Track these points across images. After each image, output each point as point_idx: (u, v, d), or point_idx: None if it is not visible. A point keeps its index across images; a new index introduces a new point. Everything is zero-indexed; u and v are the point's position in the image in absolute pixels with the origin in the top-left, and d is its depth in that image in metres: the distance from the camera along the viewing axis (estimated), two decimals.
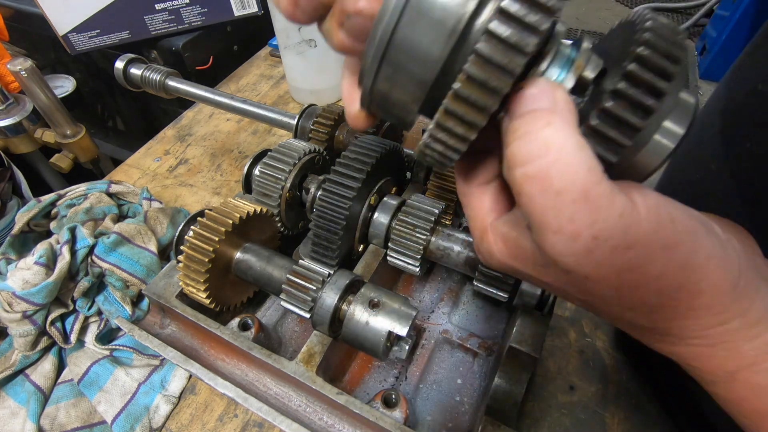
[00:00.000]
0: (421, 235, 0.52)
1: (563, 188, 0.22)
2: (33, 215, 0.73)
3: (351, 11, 0.25)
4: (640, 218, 0.23)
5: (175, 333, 0.54)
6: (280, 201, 0.56)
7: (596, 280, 0.24)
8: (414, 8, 0.23)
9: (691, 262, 0.23)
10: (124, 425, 0.56)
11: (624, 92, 0.23)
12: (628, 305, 0.26)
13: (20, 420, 0.57)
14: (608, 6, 1.46)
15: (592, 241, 0.22)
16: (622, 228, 0.22)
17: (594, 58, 0.26)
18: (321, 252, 0.51)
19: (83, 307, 0.63)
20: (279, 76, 1.20)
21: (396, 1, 0.23)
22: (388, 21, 0.24)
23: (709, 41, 1.13)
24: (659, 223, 0.23)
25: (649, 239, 0.23)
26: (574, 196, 0.22)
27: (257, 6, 1.20)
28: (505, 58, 0.22)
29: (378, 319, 0.44)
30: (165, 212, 0.75)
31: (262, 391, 0.49)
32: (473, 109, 0.24)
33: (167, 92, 0.79)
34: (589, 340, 0.64)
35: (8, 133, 1.08)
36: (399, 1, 0.23)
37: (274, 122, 0.74)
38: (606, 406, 0.57)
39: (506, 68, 0.22)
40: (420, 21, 0.23)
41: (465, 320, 0.62)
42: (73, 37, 1.12)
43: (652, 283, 0.24)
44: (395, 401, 0.47)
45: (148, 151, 1.00)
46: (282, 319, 0.61)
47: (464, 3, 0.23)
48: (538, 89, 0.24)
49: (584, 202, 0.22)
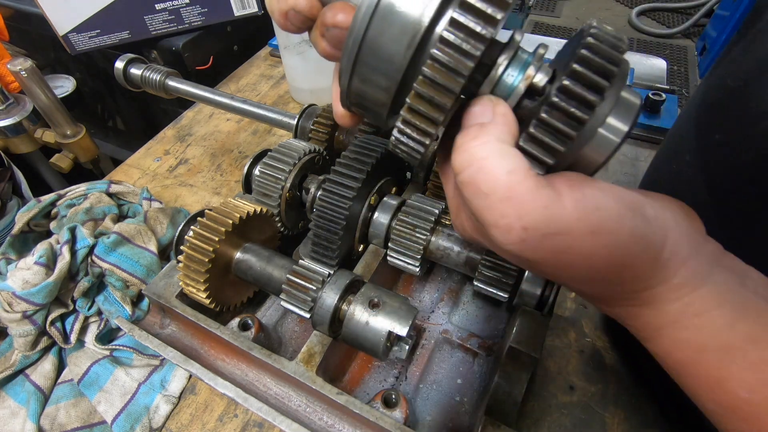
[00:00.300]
0: (421, 235, 0.52)
1: (489, 191, 0.27)
2: (33, 215, 0.73)
3: (329, 24, 0.29)
4: (564, 208, 0.27)
5: (175, 333, 0.54)
6: (280, 201, 0.56)
7: (537, 262, 0.29)
8: (380, 19, 0.27)
9: (614, 243, 0.27)
10: (124, 425, 0.56)
11: (568, 89, 0.26)
12: (572, 279, 0.30)
13: (20, 420, 0.57)
14: (608, 6, 1.46)
15: (523, 232, 0.27)
16: (548, 218, 0.26)
17: (545, 65, 0.29)
18: (321, 252, 0.51)
19: (83, 307, 0.63)
20: (279, 76, 1.20)
21: (364, 13, 0.27)
22: (358, 30, 0.27)
23: (709, 41, 1.13)
24: (584, 210, 0.27)
25: (575, 226, 0.27)
26: (500, 196, 0.27)
27: (257, 6, 1.20)
28: (456, 62, 0.26)
29: (378, 319, 0.44)
30: (165, 212, 0.75)
31: (262, 391, 0.49)
32: (431, 107, 0.27)
33: (167, 92, 0.79)
34: (589, 340, 0.64)
35: (8, 133, 1.08)
36: (367, 13, 0.27)
37: (274, 122, 0.74)
38: (606, 406, 0.57)
39: (457, 71, 0.26)
40: (385, 31, 0.27)
41: (465, 320, 0.62)
42: (73, 37, 1.12)
43: (584, 262, 0.28)
44: (395, 401, 0.47)
45: (148, 151, 1.00)
46: (282, 319, 0.61)
47: (421, 16, 0.26)
48: (480, 106, 0.29)
49: (509, 200, 0.26)
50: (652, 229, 0.28)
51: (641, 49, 1.26)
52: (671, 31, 1.30)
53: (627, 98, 0.28)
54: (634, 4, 1.44)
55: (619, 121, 0.28)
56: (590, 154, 0.29)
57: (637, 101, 0.29)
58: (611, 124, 0.28)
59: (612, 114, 0.28)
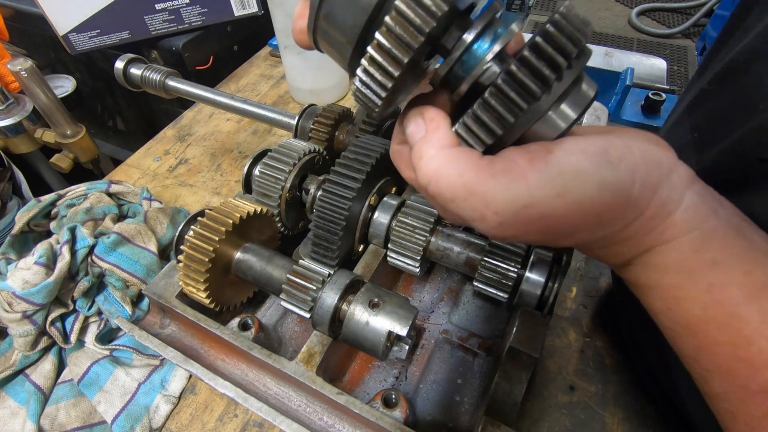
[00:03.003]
0: (421, 236, 0.52)
1: (453, 196, 0.30)
2: (33, 215, 0.73)
3: None
4: (526, 182, 0.29)
5: (175, 333, 0.54)
6: (280, 201, 0.56)
7: (522, 234, 0.31)
8: None
9: (582, 198, 0.29)
10: (124, 425, 0.56)
11: (527, 59, 0.27)
12: (559, 237, 0.32)
13: (20, 420, 0.57)
14: (608, 6, 1.46)
15: (496, 216, 0.29)
16: (512, 197, 0.29)
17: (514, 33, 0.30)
18: (321, 252, 0.51)
19: (83, 307, 0.63)
20: (279, 76, 1.20)
21: None
22: None
23: (709, 41, 1.13)
24: (546, 179, 0.29)
25: (539, 194, 0.29)
26: (464, 196, 0.30)
27: (257, 6, 1.20)
28: (418, 18, 0.26)
29: (378, 319, 0.44)
30: (165, 212, 0.75)
31: (262, 391, 0.49)
32: (389, 60, 0.28)
33: (167, 92, 0.79)
34: (589, 340, 0.64)
35: (8, 133, 1.08)
36: None
37: (274, 122, 0.74)
38: (606, 406, 0.57)
39: (418, 28, 0.26)
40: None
41: (465, 320, 0.62)
42: (73, 37, 1.12)
43: (561, 222, 0.30)
44: (395, 401, 0.47)
45: (148, 151, 1.00)
46: (282, 319, 0.61)
47: None
48: (413, 124, 0.33)
49: (473, 197, 0.29)
50: (618, 172, 0.29)
51: (641, 49, 1.26)
52: (671, 31, 1.30)
53: (585, 90, 0.30)
54: (634, 4, 1.44)
55: (570, 108, 0.29)
56: (539, 129, 0.30)
57: (592, 94, 0.30)
58: (562, 109, 0.29)
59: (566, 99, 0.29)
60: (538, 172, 0.29)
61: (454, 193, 0.30)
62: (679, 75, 1.16)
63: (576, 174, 0.29)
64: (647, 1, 1.44)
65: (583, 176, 0.29)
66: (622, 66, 1.00)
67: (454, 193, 0.30)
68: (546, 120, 0.30)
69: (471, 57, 0.30)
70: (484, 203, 0.29)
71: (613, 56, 1.05)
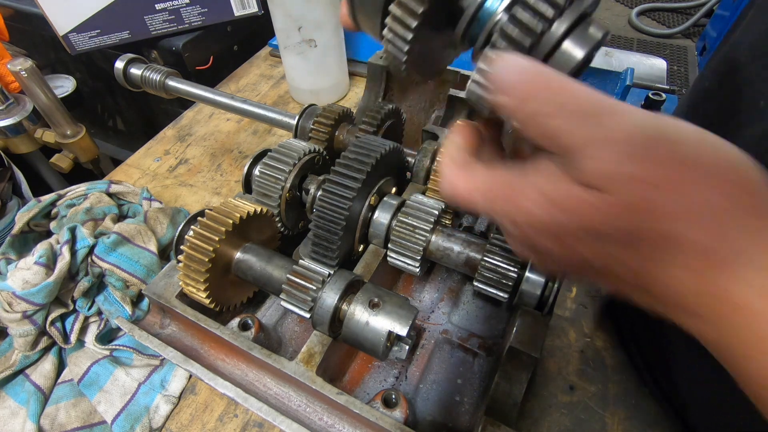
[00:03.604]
0: (421, 235, 0.52)
1: (480, 206, 0.31)
2: (33, 215, 0.73)
3: None
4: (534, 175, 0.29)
5: (175, 333, 0.54)
6: (280, 201, 0.56)
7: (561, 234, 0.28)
8: None
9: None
10: (124, 425, 0.56)
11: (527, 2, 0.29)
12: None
13: (20, 420, 0.57)
14: (608, 6, 1.46)
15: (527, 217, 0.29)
16: (540, 187, 0.28)
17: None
18: (321, 252, 0.51)
19: (83, 307, 0.63)
20: (279, 76, 1.20)
21: None
22: None
23: (709, 41, 1.13)
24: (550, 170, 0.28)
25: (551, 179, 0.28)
26: (487, 204, 0.31)
27: (257, 6, 1.20)
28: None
29: (378, 319, 0.44)
30: (165, 212, 0.75)
31: (262, 391, 0.49)
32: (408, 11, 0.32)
33: (167, 92, 0.79)
34: (589, 340, 0.64)
35: (8, 133, 1.08)
36: None
37: (274, 122, 0.74)
38: (606, 406, 0.57)
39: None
40: None
41: (465, 320, 0.62)
42: (73, 37, 1.12)
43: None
44: (395, 401, 0.47)
45: (148, 151, 1.00)
46: (282, 319, 0.61)
47: None
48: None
49: (493, 202, 0.30)
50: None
51: (641, 49, 1.26)
52: (671, 31, 1.30)
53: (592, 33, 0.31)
54: (634, 4, 1.44)
55: (576, 46, 0.30)
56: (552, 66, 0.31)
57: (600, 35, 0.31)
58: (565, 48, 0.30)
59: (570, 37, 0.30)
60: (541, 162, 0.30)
61: (479, 202, 0.31)
62: (679, 75, 1.16)
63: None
64: (647, 1, 1.44)
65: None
66: (622, 66, 1.00)
67: (478, 202, 0.31)
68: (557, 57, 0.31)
69: (485, 13, 0.32)
70: (506, 207, 0.30)
71: (613, 56, 1.05)
